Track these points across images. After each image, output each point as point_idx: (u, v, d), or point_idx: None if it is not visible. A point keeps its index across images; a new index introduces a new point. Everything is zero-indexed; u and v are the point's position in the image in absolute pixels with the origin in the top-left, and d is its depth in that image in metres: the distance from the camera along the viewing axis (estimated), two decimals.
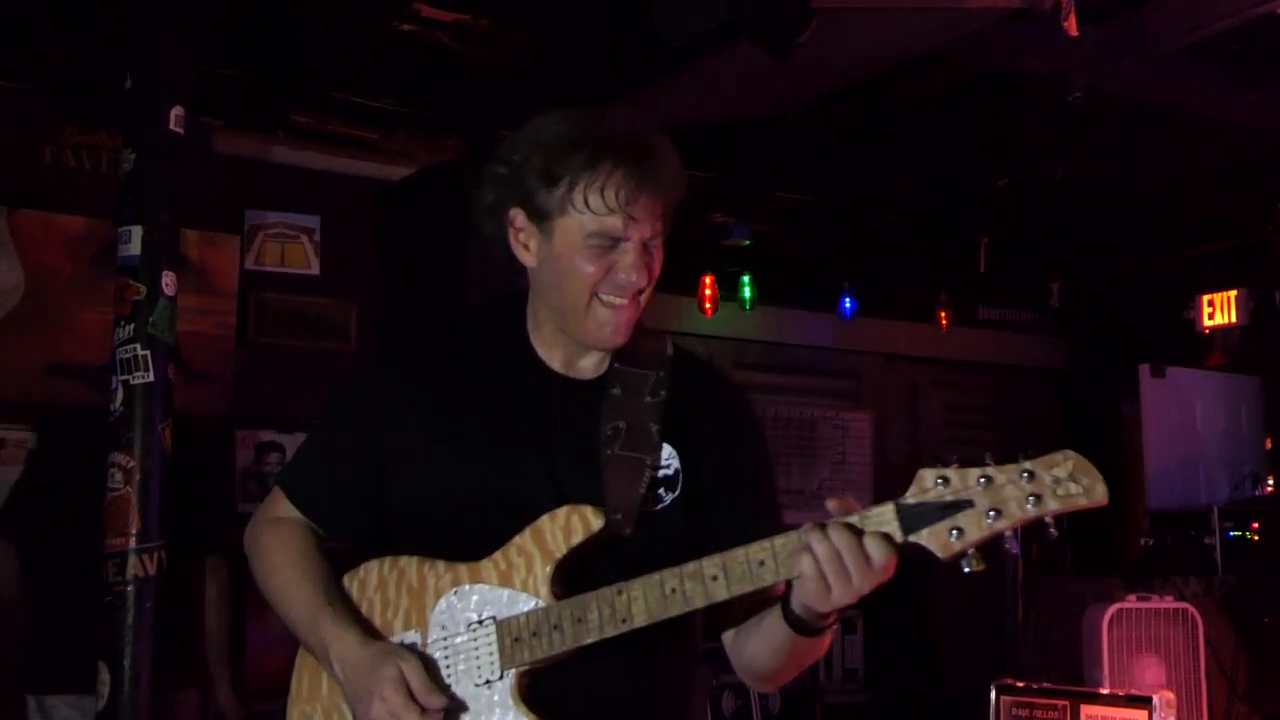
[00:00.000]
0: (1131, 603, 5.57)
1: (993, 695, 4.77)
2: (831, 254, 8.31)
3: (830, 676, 7.36)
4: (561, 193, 1.84)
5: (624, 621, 1.77)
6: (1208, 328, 8.22)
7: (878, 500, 1.68)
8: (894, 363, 8.91)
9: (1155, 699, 4.34)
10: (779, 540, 1.70)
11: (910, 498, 1.65)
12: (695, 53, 4.63)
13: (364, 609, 1.95)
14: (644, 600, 1.76)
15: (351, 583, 1.99)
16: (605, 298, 1.87)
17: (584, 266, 1.86)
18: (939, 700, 7.35)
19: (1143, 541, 6.80)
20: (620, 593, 1.77)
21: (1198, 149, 6.52)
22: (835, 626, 1.80)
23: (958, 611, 8.26)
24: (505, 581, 1.85)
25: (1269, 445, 7.27)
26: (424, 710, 1.81)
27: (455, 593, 1.88)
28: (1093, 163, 6.51)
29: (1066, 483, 1.56)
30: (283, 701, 2.05)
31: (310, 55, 5.53)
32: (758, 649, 1.89)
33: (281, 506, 2.06)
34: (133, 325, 3.92)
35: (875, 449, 8.67)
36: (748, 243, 7.75)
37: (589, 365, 1.97)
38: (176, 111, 4.02)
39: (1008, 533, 1.61)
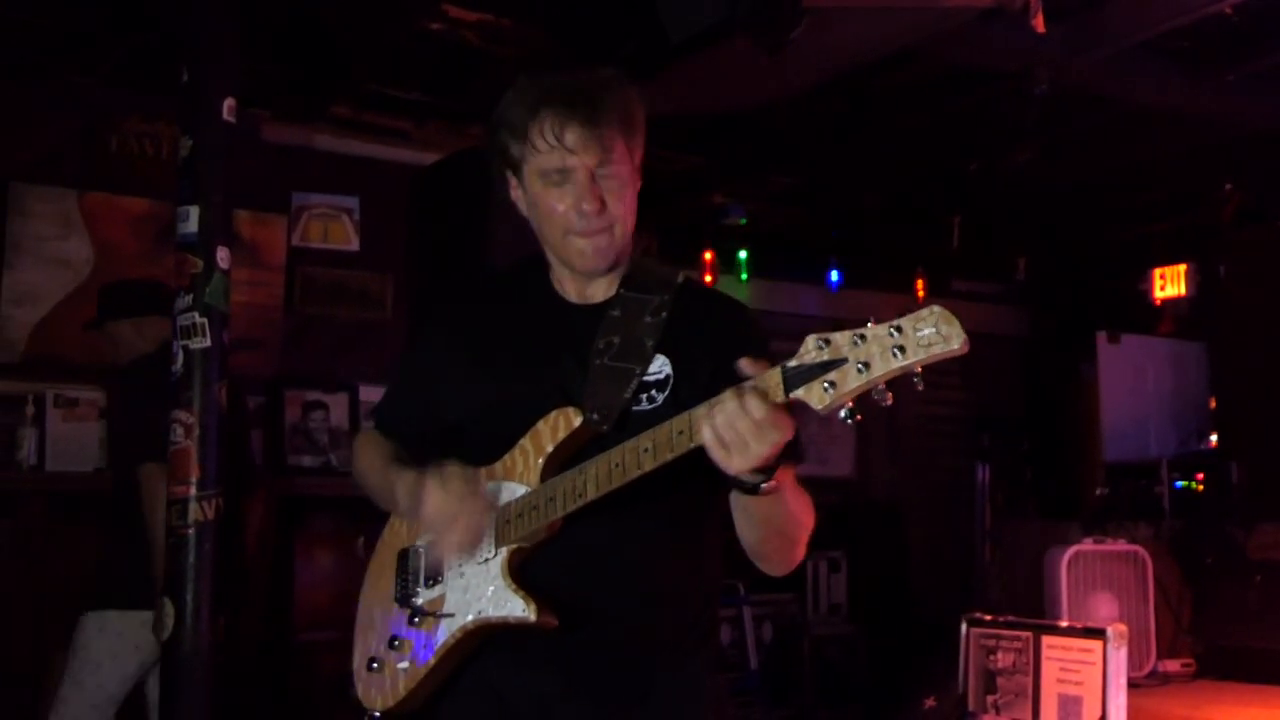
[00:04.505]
0: (1088, 545, 5.55)
1: (963, 628, 4.75)
2: (819, 231, 8.28)
3: (817, 610, 7.39)
4: (522, 142, 1.96)
5: (580, 496, 1.80)
6: (1159, 299, 8.19)
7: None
8: None
9: (1109, 631, 4.32)
10: (699, 410, 1.68)
11: (793, 361, 1.63)
12: (695, 48, 4.60)
13: None
14: (595, 475, 1.79)
15: None
16: (577, 228, 1.95)
17: (550, 204, 1.96)
18: (915, 632, 7.37)
19: (1099, 490, 6.80)
20: (581, 472, 1.81)
21: (1151, 136, 6.48)
22: (779, 486, 1.75)
23: (932, 553, 8.28)
24: (509, 475, 1.93)
25: (1212, 405, 7.25)
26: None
27: None
28: (1056, 148, 6.48)
29: (929, 334, 1.54)
30: (329, 631, 2.09)
31: (349, 52, 5.47)
32: (739, 524, 1.91)
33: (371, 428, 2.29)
34: (191, 296, 3.91)
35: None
36: (744, 222, 7.73)
37: (598, 292, 2.05)
38: (229, 103, 4.00)
39: (880, 385, 1.57)
